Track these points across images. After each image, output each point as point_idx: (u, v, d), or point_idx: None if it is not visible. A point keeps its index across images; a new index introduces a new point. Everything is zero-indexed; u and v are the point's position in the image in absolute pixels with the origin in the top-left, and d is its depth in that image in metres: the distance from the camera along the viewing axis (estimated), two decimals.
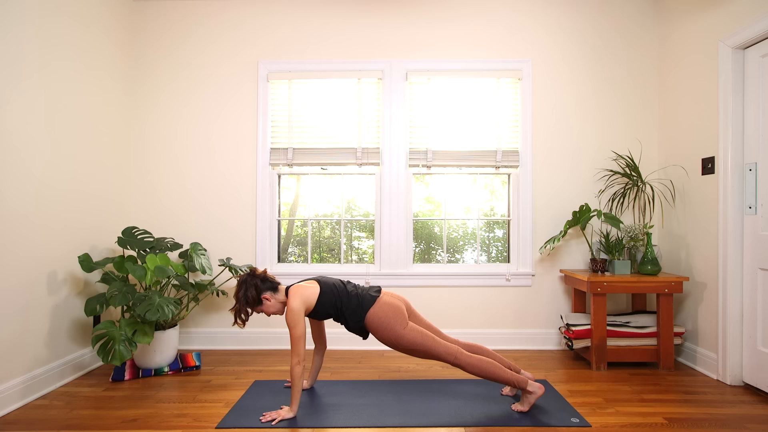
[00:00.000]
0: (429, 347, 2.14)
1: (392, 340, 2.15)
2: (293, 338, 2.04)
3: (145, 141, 3.32)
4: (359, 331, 2.22)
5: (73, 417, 2.13)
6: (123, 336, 2.44)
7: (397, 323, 2.15)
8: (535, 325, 3.31)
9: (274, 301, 2.20)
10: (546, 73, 3.31)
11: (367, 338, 2.24)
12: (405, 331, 2.14)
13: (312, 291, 2.16)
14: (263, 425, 2.02)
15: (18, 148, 2.29)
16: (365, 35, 3.32)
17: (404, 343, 2.14)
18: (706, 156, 2.78)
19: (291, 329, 2.05)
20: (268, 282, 2.21)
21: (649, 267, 2.89)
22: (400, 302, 2.25)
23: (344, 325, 2.26)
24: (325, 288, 2.19)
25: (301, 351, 2.04)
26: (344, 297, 2.20)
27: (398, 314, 2.16)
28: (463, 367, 2.14)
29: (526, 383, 2.13)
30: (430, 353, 2.15)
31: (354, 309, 2.18)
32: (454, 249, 3.48)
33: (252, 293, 2.16)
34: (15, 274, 2.27)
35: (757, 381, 2.46)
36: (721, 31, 2.66)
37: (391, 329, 2.14)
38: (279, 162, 3.31)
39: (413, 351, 2.16)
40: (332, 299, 2.18)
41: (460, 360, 2.14)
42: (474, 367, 2.13)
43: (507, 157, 3.29)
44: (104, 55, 2.99)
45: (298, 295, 2.11)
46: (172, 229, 3.32)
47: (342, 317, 2.21)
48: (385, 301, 2.20)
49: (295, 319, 2.05)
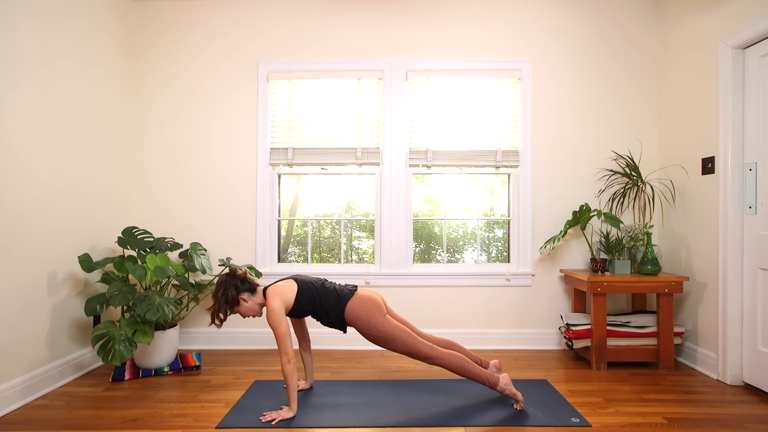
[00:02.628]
0: (405, 339, 2.18)
1: (372, 331, 2.19)
2: (278, 337, 2.06)
3: (145, 140, 3.32)
4: (339, 324, 2.25)
5: (73, 417, 2.13)
6: (123, 336, 2.44)
7: (377, 313, 2.20)
8: (535, 325, 3.31)
9: (251, 302, 2.22)
10: (546, 73, 3.31)
11: (346, 332, 2.28)
12: (384, 320, 2.19)
13: (290, 289, 2.19)
14: (263, 425, 2.02)
15: (17, 148, 2.28)
16: (365, 35, 3.32)
17: (383, 333, 2.18)
18: (706, 156, 2.78)
19: (274, 329, 2.07)
20: (247, 283, 2.23)
21: (649, 267, 2.89)
22: (377, 296, 2.30)
23: (322, 321, 2.28)
24: (302, 285, 2.22)
25: (288, 349, 2.06)
26: (322, 292, 2.23)
27: (376, 305, 2.22)
28: (438, 361, 2.18)
29: (497, 381, 2.17)
30: (407, 345, 2.18)
31: (333, 303, 2.21)
32: (454, 249, 3.48)
33: (232, 293, 2.17)
34: (15, 274, 2.27)
35: (757, 381, 2.46)
36: (721, 30, 2.66)
37: (371, 318, 2.18)
38: (279, 162, 3.31)
39: (391, 341, 2.19)
40: (310, 296, 2.21)
41: (435, 354, 2.18)
42: (449, 363, 2.18)
43: (507, 156, 3.29)
44: (104, 55, 2.99)
45: (277, 295, 2.13)
46: (172, 229, 3.32)
47: (321, 312, 2.23)
48: (363, 294, 2.26)
49: (277, 319, 2.07)
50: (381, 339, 2.19)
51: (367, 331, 2.20)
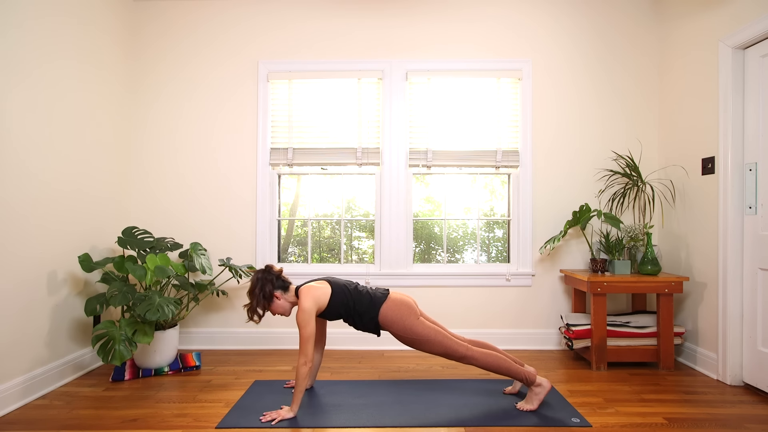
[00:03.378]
0: (441, 341, 2.18)
1: (407, 333, 2.19)
2: (303, 338, 2.05)
3: (145, 140, 3.32)
4: (373, 328, 2.25)
5: (73, 417, 2.13)
6: (123, 336, 2.44)
7: (411, 315, 2.20)
8: (535, 325, 3.31)
9: (283, 300, 2.22)
10: (546, 73, 3.31)
11: (380, 335, 2.29)
12: (418, 323, 2.19)
13: (323, 291, 2.18)
14: (263, 425, 2.02)
15: (17, 147, 2.28)
16: (365, 35, 3.32)
17: (418, 335, 2.18)
18: (706, 156, 2.78)
19: (301, 329, 2.06)
20: (281, 280, 2.24)
21: (649, 267, 2.89)
22: (410, 299, 2.30)
23: (354, 324, 2.27)
24: (336, 288, 2.22)
25: (309, 352, 2.05)
26: (356, 296, 2.23)
27: (410, 308, 2.22)
28: (474, 361, 2.18)
29: (534, 378, 2.17)
30: (443, 345, 2.18)
31: (367, 306, 2.21)
32: (454, 249, 3.48)
33: (269, 288, 2.18)
34: (15, 274, 2.27)
35: (757, 381, 2.46)
36: (721, 31, 2.66)
37: (405, 321, 2.18)
38: (279, 162, 3.31)
39: (426, 343, 2.18)
40: (344, 299, 2.20)
41: (471, 353, 2.18)
42: (485, 362, 2.17)
43: (507, 157, 3.29)
44: (104, 55, 2.99)
45: (310, 296, 2.13)
46: (172, 229, 3.32)
47: (354, 315, 2.23)
48: (397, 297, 2.26)
49: (307, 319, 2.07)
50: (416, 341, 2.19)
51: (401, 334, 2.20)
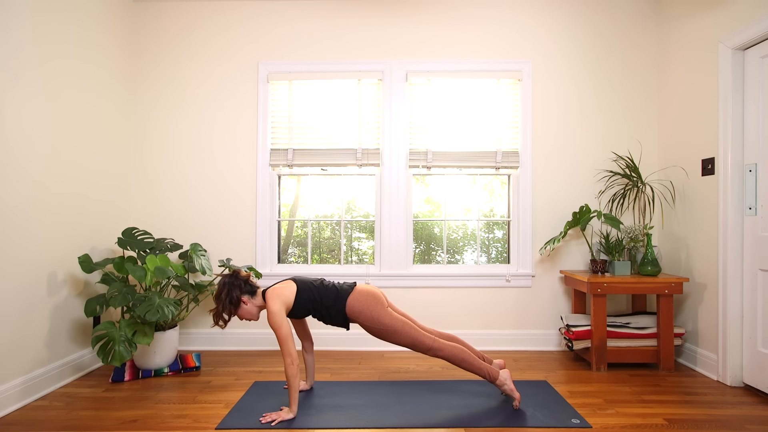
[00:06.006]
0: (408, 332, 2.20)
1: (374, 324, 2.20)
2: (281, 339, 2.06)
3: (144, 141, 3.32)
4: (341, 320, 2.26)
5: (73, 418, 2.13)
6: (123, 337, 2.44)
7: (378, 305, 2.21)
8: (535, 326, 3.31)
9: (250, 305, 2.22)
10: (546, 74, 3.31)
11: (349, 329, 2.29)
12: (385, 312, 2.21)
13: (289, 290, 2.20)
14: (263, 426, 2.02)
15: (16, 149, 2.28)
16: (365, 36, 3.32)
17: (385, 325, 2.19)
18: (706, 157, 2.78)
19: (276, 331, 2.08)
20: (249, 285, 2.24)
21: (649, 268, 2.89)
22: (378, 290, 2.32)
23: (324, 319, 2.28)
24: (301, 285, 2.23)
25: (292, 351, 2.06)
26: (322, 291, 2.24)
27: (377, 299, 2.24)
28: (440, 352, 2.20)
29: (497, 375, 2.19)
30: (410, 336, 2.20)
31: (334, 299, 2.23)
32: (454, 250, 3.48)
33: (236, 293, 2.18)
34: (15, 275, 2.27)
35: (758, 382, 2.46)
36: (721, 31, 2.66)
37: (372, 312, 2.20)
38: (279, 163, 3.31)
39: (393, 333, 2.20)
40: (310, 294, 2.22)
41: (437, 345, 2.20)
42: (451, 354, 2.20)
43: (507, 157, 3.29)
44: (104, 55, 2.99)
45: (276, 297, 2.14)
46: (171, 230, 3.32)
47: (322, 309, 2.24)
48: (364, 288, 2.28)
49: (278, 321, 2.08)
50: (383, 332, 2.20)
51: (369, 325, 2.21)
